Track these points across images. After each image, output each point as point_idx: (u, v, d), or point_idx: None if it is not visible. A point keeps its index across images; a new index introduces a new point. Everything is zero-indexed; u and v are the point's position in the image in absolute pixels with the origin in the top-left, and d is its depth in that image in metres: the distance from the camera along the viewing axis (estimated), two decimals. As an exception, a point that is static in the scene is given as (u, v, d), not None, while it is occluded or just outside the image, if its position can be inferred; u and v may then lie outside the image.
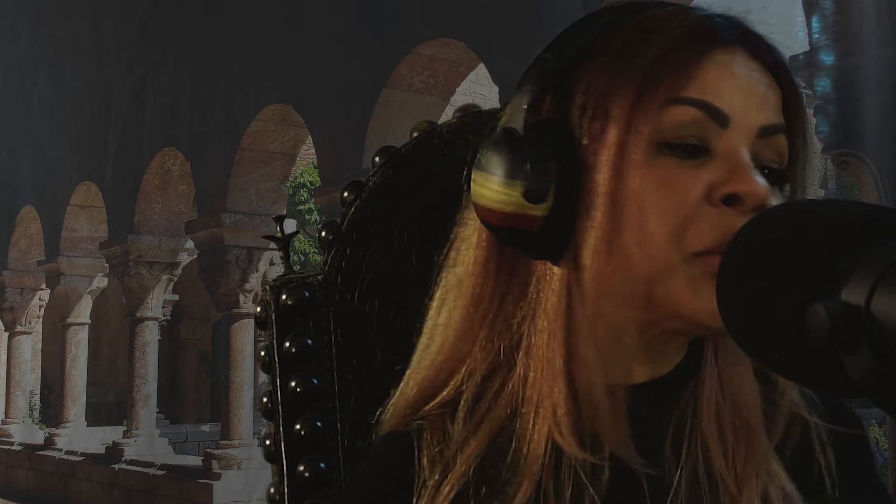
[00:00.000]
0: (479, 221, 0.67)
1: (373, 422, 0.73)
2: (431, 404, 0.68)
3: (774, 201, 0.62)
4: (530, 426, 0.64)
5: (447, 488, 0.63)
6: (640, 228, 0.60)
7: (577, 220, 0.62)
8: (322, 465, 0.81)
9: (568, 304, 0.63)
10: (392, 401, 0.71)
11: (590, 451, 0.62)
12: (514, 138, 0.62)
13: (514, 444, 0.64)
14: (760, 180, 0.61)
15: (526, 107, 0.63)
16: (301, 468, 0.81)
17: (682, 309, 0.61)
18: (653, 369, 0.66)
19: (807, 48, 4.08)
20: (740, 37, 0.64)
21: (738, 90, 0.62)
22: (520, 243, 0.64)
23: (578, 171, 0.62)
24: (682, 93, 0.61)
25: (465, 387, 0.67)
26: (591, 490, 0.62)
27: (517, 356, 0.66)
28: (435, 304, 0.71)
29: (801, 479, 0.66)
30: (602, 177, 0.61)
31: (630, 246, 0.60)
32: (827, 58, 3.95)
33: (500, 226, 0.63)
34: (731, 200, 0.60)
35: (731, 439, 0.65)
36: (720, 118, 0.61)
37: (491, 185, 0.63)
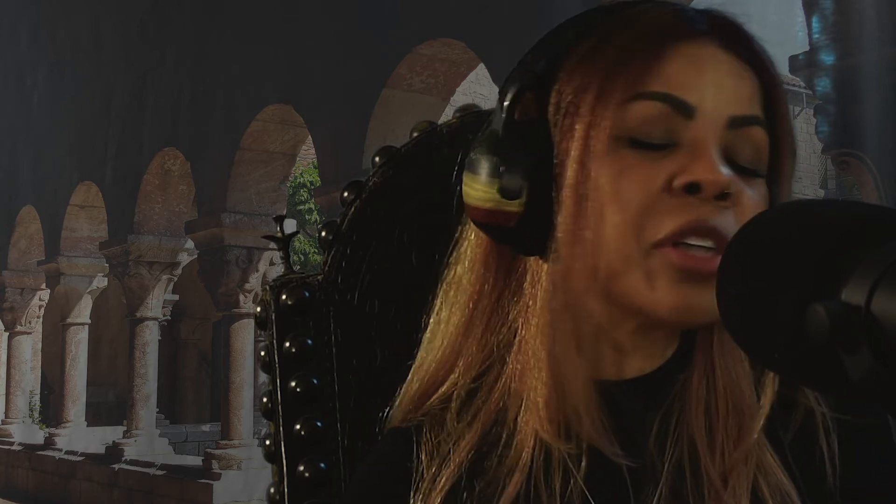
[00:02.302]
0: None
1: (381, 415, 0.74)
2: (433, 399, 0.69)
3: (750, 193, 0.62)
4: (519, 419, 0.65)
5: (442, 481, 0.64)
6: (600, 219, 0.61)
7: (555, 216, 0.63)
8: (322, 465, 0.81)
9: (553, 299, 0.64)
10: (398, 397, 0.72)
11: (568, 441, 0.63)
12: (495, 138, 0.64)
13: (506, 438, 0.65)
14: (723, 169, 0.60)
15: (504, 108, 0.64)
16: (301, 468, 0.81)
17: (641, 303, 0.61)
18: (641, 363, 0.67)
19: (807, 48, 4.08)
20: (710, 29, 0.63)
21: (705, 81, 0.62)
22: (505, 239, 0.65)
23: (551, 166, 0.63)
24: (646, 87, 0.61)
25: (460, 382, 0.68)
26: (581, 480, 0.63)
27: (511, 352, 0.67)
28: (437, 300, 0.72)
29: (802, 466, 0.66)
30: (569, 171, 0.62)
31: (589, 237, 0.61)
32: (827, 58, 3.95)
33: (483, 223, 0.65)
34: (692, 189, 0.60)
35: (719, 432, 0.65)
36: (685, 110, 0.61)
37: (475, 185, 0.65)
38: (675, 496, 0.64)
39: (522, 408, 0.65)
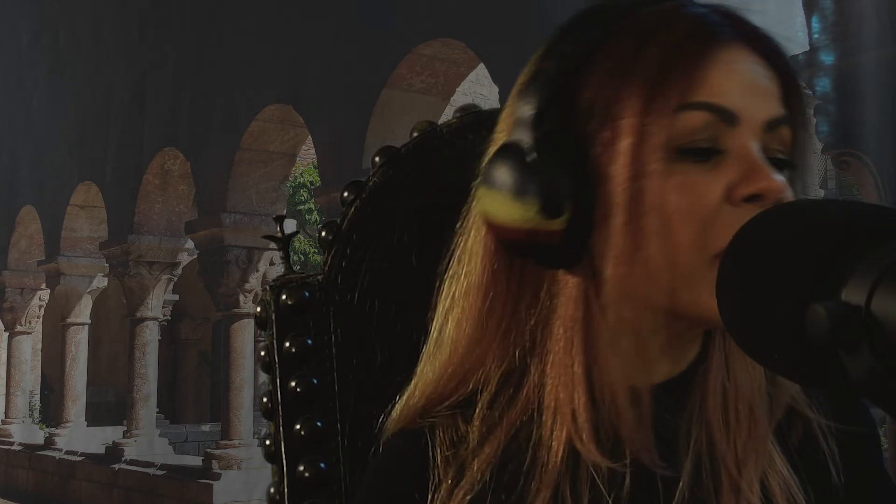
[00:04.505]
0: (482, 234, 0.67)
1: (376, 431, 0.72)
2: (441, 407, 0.68)
3: (789, 191, 0.63)
4: (548, 433, 0.63)
5: (461, 493, 0.63)
6: (664, 236, 0.60)
7: (594, 229, 0.62)
8: (322, 465, 0.81)
9: (585, 311, 0.63)
10: (398, 407, 0.70)
11: (610, 457, 0.62)
12: (522, 153, 0.62)
13: (531, 451, 0.64)
14: (777, 176, 0.61)
15: (531, 120, 0.62)
16: (301, 468, 0.81)
17: (709, 313, 0.60)
18: (670, 367, 0.67)
19: (807, 48, 4.08)
20: (736, 31, 0.64)
21: (743, 87, 0.62)
22: (537, 256, 0.64)
23: (591, 180, 0.62)
24: (692, 97, 0.61)
25: (479, 392, 0.67)
26: (609, 497, 0.62)
27: (531, 362, 0.65)
28: (439, 314, 0.70)
29: (809, 468, 0.67)
30: (618, 187, 0.61)
31: (653, 255, 0.60)
32: (827, 58, 3.95)
33: (516, 241, 0.63)
34: (752, 198, 0.60)
35: (733, 421, 0.66)
36: (730, 118, 0.61)
37: (504, 203, 0.62)
38: (695, 483, 0.64)
39: (552, 422, 0.63)
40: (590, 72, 0.63)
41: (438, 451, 0.65)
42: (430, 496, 0.64)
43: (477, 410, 0.66)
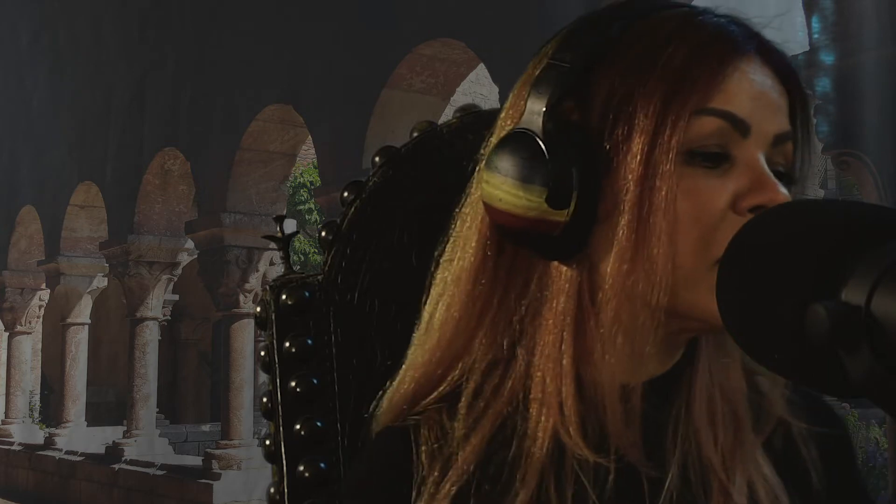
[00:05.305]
0: (478, 219, 0.67)
1: (366, 416, 0.72)
2: (428, 399, 0.68)
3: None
4: (535, 424, 0.64)
5: (448, 485, 0.63)
6: (668, 238, 0.60)
7: (596, 225, 0.62)
8: (322, 465, 0.81)
9: (578, 305, 0.64)
10: (387, 395, 0.71)
11: (596, 452, 0.63)
12: (532, 142, 0.62)
13: (516, 442, 0.64)
14: (782, 189, 0.62)
15: (544, 111, 0.62)
16: (301, 468, 0.81)
17: (707, 315, 0.61)
18: (656, 366, 0.67)
19: (807, 48, 4.08)
20: (755, 44, 0.64)
21: (756, 99, 0.63)
22: (534, 246, 0.64)
23: (598, 175, 0.62)
24: (709, 103, 0.61)
25: (463, 382, 0.67)
26: (592, 490, 0.63)
27: (518, 352, 0.66)
28: (431, 299, 0.71)
29: (792, 473, 0.68)
30: (627, 185, 0.61)
31: (656, 255, 0.61)
32: (827, 58, 3.95)
33: (517, 229, 0.63)
34: (756, 209, 0.61)
35: (720, 424, 0.66)
36: (743, 128, 0.62)
37: (508, 189, 0.62)
38: (682, 483, 0.64)
39: (538, 413, 0.64)
40: (607, 68, 0.63)
41: (423, 448, 0.65)
42: (414, 492, 0.64)
43: (462, 400, 0.66)
